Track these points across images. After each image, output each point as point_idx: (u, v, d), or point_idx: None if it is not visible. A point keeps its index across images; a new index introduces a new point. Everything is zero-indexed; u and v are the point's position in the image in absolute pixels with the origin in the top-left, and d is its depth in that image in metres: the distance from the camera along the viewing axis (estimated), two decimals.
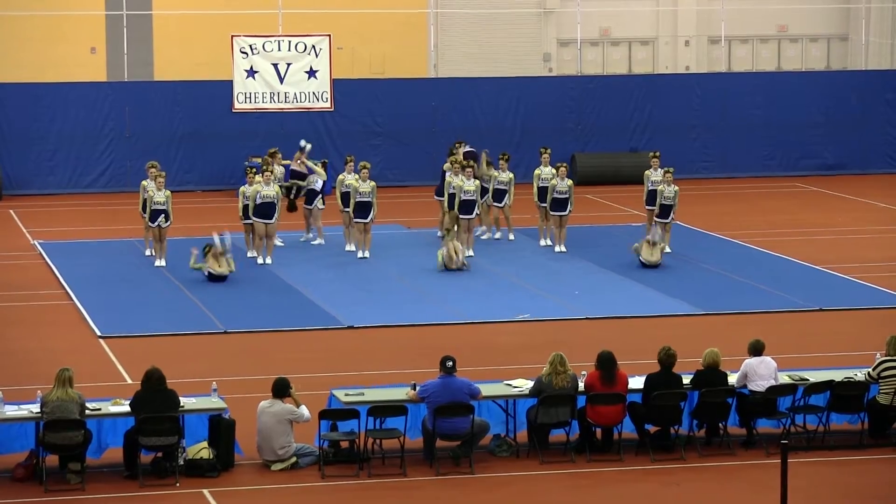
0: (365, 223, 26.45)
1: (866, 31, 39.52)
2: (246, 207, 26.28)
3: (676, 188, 26.89)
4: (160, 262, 26.05)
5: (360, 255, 26.58)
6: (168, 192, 26.28)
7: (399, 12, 38.97)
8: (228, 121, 34.11)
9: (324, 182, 27.88)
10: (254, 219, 26.21)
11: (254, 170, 27.07)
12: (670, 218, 26.83)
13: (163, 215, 26.05)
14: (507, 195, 27.60)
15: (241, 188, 26.65)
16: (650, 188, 27.26)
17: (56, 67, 37.06)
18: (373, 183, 26.66)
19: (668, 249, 26.69)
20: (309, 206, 27.74)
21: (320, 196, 27.77)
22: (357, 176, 26.53)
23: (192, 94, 35.03)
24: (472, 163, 27.19)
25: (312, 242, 27.82)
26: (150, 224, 26.21)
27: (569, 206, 26.97)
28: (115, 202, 33.68)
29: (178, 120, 35.00)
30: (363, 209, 26.35)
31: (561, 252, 26.99)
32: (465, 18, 39.90)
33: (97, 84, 35.96)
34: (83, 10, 37.66)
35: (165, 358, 18.78)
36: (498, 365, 19.46)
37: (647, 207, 27.41)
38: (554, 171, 27.23)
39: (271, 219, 26.16)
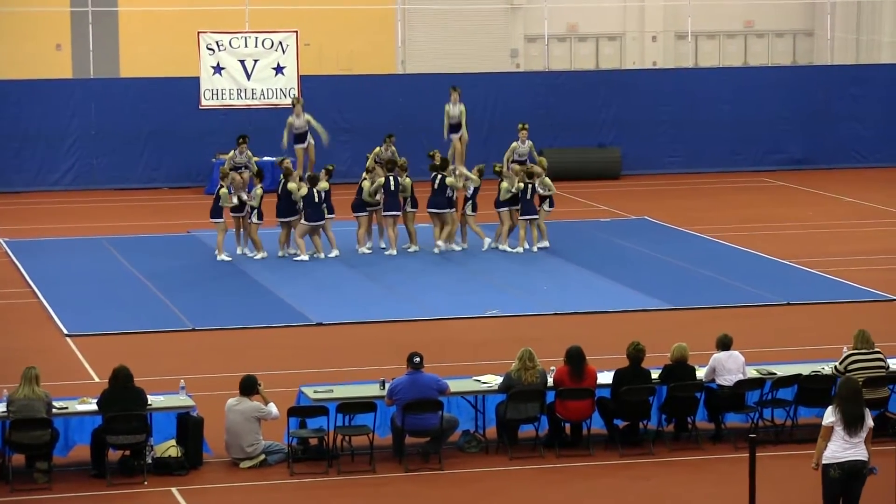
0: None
1: (831, 27, 39.69)
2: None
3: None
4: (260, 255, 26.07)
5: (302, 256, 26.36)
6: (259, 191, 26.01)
7: (366, 9, 38.94)
8: (195, 118, 33.98)
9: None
10: (234, 215, 26.15)
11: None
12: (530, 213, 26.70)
13: (255, 212, 25.95)
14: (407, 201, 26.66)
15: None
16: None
17: (21, 64, 36.87)
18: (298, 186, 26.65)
19: (516, 248, 26.67)
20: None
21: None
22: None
23: (158, 90, 34.89)
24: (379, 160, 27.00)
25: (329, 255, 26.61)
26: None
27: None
28: (81, 200, 33.55)
29: (144, 117, 34.86)
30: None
31: (515, 251, 26.82)
32: (432, 15, 39.91)
33: (63, 81, 35.79)
34: (48, 6, 37.49)
35: (133, 356, 18.68)
36: (467, 361, 19.46)
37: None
38: (531, 145, 27.17)
39: (242, 212, 26.16)
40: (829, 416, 12.96)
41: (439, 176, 26.57)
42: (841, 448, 12.83)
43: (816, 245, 27.81)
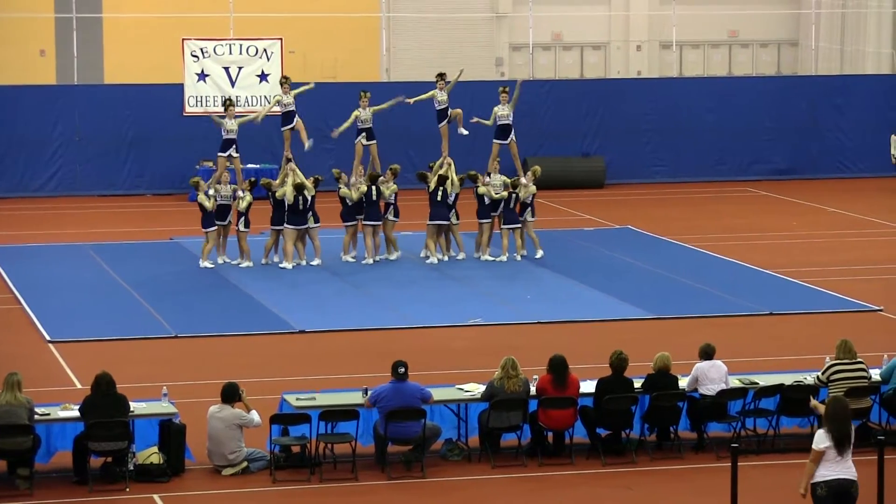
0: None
1: (816, 37, 39.78)
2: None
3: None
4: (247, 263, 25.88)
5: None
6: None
7: (351, 16, 38.94)
8: (179, 124, 33.95)
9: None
10: (217, 223, 26.08)
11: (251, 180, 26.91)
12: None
13: (242, 219, 25.77)
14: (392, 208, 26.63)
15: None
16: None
17: (4, 70, 36.79)
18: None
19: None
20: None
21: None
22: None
23: (142, 97, 34.86)
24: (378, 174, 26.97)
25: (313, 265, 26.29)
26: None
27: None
28: (64, 206, 33.49)
29: (128, 123, 34.81)
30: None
31: (498, 260, 26.78)
32: (417, 23, 39.91)
33: (46, 87, 35.75)
34: (32, 12, 37.42)
35: (115, 362, 18.67)
36: (450, 369, 19.45)
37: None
38: (511, 108, 27.56)
39: (225, 220, 26.09)
40: (823, 440, 12.77)
41: (440, 188, 26.64)
42: (828, 467, 12.75)
43: (800, 255, 27.86)
